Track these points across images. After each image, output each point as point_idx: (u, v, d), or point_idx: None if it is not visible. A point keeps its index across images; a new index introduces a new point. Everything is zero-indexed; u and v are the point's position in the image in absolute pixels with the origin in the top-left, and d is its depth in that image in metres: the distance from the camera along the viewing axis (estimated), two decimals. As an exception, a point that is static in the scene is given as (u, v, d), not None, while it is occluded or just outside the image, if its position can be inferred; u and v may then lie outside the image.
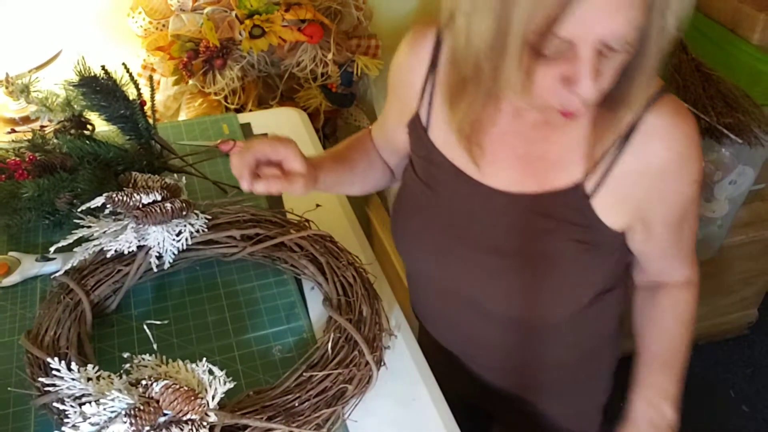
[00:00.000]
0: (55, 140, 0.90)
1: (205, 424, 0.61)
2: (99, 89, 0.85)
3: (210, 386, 0.63)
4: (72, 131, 0.92)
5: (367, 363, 0.70)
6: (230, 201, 0.87)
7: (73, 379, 0.62)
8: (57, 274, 0.77)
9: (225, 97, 1.26)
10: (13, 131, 0.96)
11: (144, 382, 0.61)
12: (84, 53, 0.89)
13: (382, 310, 0.78)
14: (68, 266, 0.77)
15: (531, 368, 0.83)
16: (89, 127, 0.94)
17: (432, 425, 0.70)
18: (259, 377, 0.72)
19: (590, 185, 0.65)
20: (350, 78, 1.37)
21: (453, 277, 0.75)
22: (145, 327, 0.76)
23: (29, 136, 0.92)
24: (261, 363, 0.74)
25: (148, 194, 0.77)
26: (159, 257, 0.78)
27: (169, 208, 0.77)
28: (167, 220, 0.78)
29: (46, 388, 0.64)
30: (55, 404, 0.63)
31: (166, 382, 0.61)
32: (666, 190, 0.66)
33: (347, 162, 0.82)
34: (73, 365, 0.63)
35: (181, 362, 0.66)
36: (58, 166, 0.86)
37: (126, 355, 0.67)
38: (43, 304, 0.75)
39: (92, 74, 0.86)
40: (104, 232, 0.77)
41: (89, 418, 0.59)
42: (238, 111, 1.26)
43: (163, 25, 1.21)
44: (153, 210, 0.76)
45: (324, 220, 0.88)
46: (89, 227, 0.78)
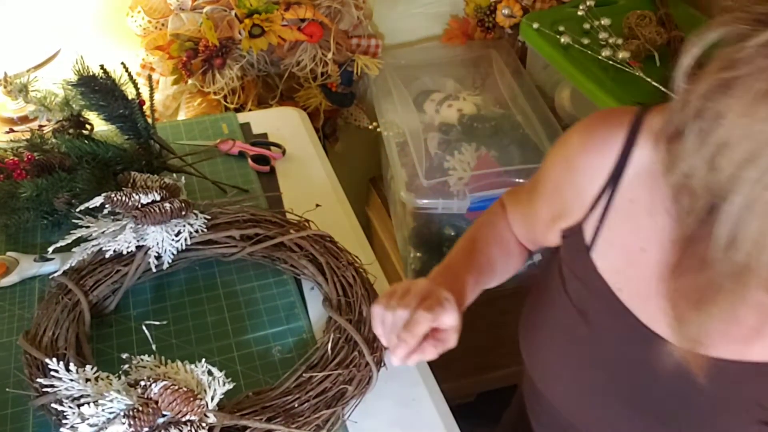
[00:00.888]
0: (53, 140, 0.90)
1: (204, 425, 0.61)
2: (98, 89, 0.85)
3: (209, 387, 0.62)
4: (70, 131, 0.91)
5: (367, 363, 0.70)
6: (230, 201, 0.86)
7: (71, 380, 0.62)
8: (55, 275, 0.77)
9: (224, 97, 1.25)
10: (12, 131, 0.96)
11: (143, 383, 0.61)
12: (82, 53, 0.88)
13: (382, 311, 0.77)
14: (67, 266, 0.76)
15: None
16: (88, 126, 0.93)
17: (432, 425, 0.70)
18: (259, 378, 0.72)
19: None
20: (350, 77, 1.36)
21: (592, 423, 0.65)
22: (143, 327, 0.76)
23: (28, 135, 0.91)
24: (260, 364, 0.73)
25: (147, 194, 0.77)
26: (158, 257, 0.78)
27: (168, 208, 0.77)
28: (166, 220, 0.77)
29: (45, 389, 0.64)
30: (53, 405, 0.63)
31: (165, 382, 0.60)
32: None
33: (488, 270, 0.70)
34: (72, 366, 0.63)
35: (180, 363, 0.65)
36: (57, 166, 0.86)
37: (125, 355, 0.66)
38: (42, 305, 0.75)
39: (91, 74, 0.85)
40: (103, 233, 0.77)
41: (88, 419, 0.58)
42: (238, 110, 1.26)
43: (162, 25, 1.21)
44: (152, 210, 0.76)
45: (324, 220, 0.87)
46: (88, 227, 0.77)
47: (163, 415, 0.60)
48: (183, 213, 0.78)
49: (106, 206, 0.77)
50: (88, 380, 0.63)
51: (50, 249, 0.76)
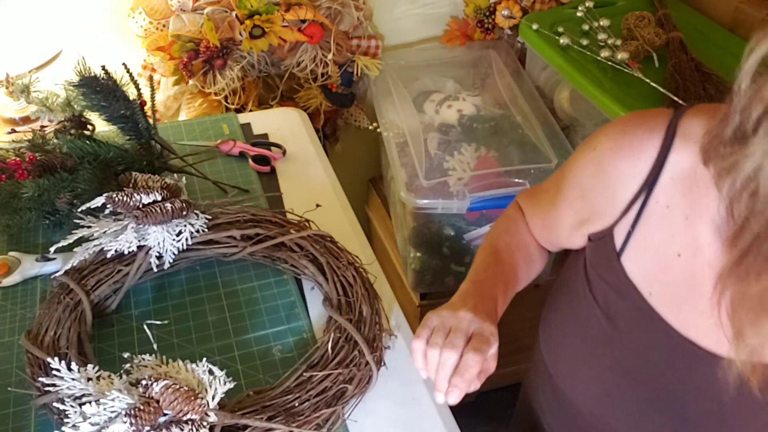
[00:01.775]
0: (55, 140, 0.90)
1: (205, 424, 0.61)
2: (99, 89, 0.85)
3: (210, 386, 0.63)
4: (72, 131, 0.92)
5: (367, 363, 0.70)
6: (230, 201, 0.87)
7: (73, 379, 0.62)
8: (57, 274, 0.77)
9: (225, 97, 1.26)
10: (14, 131, 0.96)
11: (144, 382, 0.61)
12: (84, 53, 0.89)
13: (382, 310, 0.78)
14: (68, 266, 0.77)
15: None
16: (89, 127, 0.94)
17: (432, 425, 0.70)
18: (259, 377, 0.72)
19: None
20: (350, 78, 1.37)
21: (615, 422, 0.64)
22: (145, 327, 0.76)
23: (29, 136, 0.92)
24: (261, 363, 0.74)
25: (148, 194, 0.77)
26: (159, 257, 0.78)
27: (169, 208, 0.77)
28: (167, 220, 0.78)
29: (46, 388, 0.64)
30: (55, 404, 0.63)
31: (166, 382, 0.61)
32: None
33: (514, 280, 0.69)
34: (73, 365, 0.63)
35: (181, 362, 0.66)
36: (59, 166, 0.86)
37: (126, 355, 0.67)
38: (43, 304, 0.75)
39: (92, 74, 0.86)
40: (104, 232, 0.77)
41: (89, 418, 0.59)
42: (239, 111, 1.26)
43: (164, 26, 1.21)
44: (153, 210, 0.76)
45: (324, 220, 0.88)
46: (89, 227, 0.78)
47: (165, 414, 0.60)
48: (184, 213, 0.79)
49: (108, 206, 0.77)
50: (89, 379, 0.63)
51: (52, 249, 0.77)
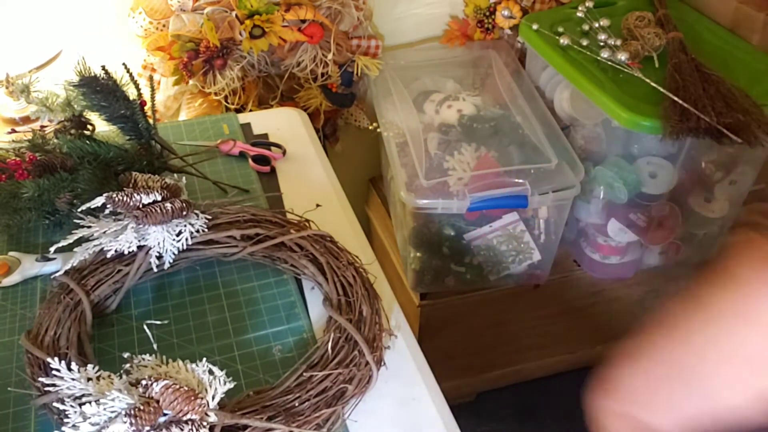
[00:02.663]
0: (55, 140, 0.90)
1: (205, 424, 0.61)
2: (99, 89, 0.85)
3: (210, 386, 0.63)
4: (72, 131, 0.92)
5: (367, 363, 0.70)
6: (230, 201, 0.87)
7: (73, 379, 0.62)
8: (57, 274, 0.77)
9: (225, 97, 1.26)
10: (14, 131, 0.96)
11: (144, 382, 0.61)
12: (84, 53, 0.89)
13: (382, 310, 0.78)
14: (68, 266, 0.77)
15: None
16: (89, 127, 0.94)
17: (432, 425, 0.70)
18: (259, 377, 0.72)
19: None
20: (350, 78, 1.37)
21: None
22: (145, 327, 0.76)
23: (29, 136, 0.92)
24: (261, 363, 0.74)
25: (148, 194, 0.77)
26: (159, 257, 0.78)
27: (169, 208, 0.77)
28: (167, 220, 0.78)
29: (46, 388, 0.64)
30: (55, 404, 0.63)
31: (166, 382, 0.61)
32: None
33: None
34: (73, 365, 0.63)
35: (181, 362, 0.66)
36: (59, 166, 0.86)
37: (126, 355, 0.67)
38: (43, 304, 0.75)
39: (92, 74, 0.86)
40: (104, 232, 0.77)
41: (89, 418, 0.59)
42: (239, 111, 1.26)
43: (164, 26, 1.21)
44: (153, 210, 0.76)
45: (324, 220, 0.88)
46: (89, 227, 0.77)
47: (164, 414, 0.60)
48: (184, 213, 0.79)
49: (108, 206, 0.77)
50: (89, 379, 0.63)
51: (52, 249, 0.77)
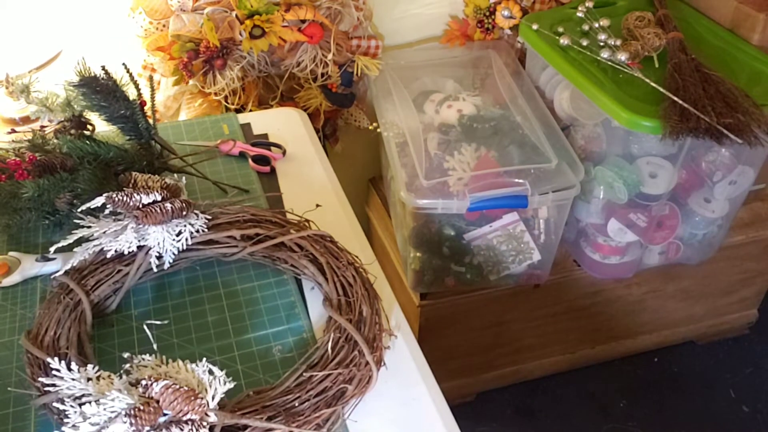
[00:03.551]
0: (55, 140, 0.90)
1: (205, 424, 0.61)
2: (99, 89, 0.85)
3: (210, 386, 0.63)
4: (72, 131, 0.92)
5: (367, 363, 0.70)
6: (230, 201, 0.87)
7: (73, 379, 0.62)
8: (57, 274, 0.77)
9: (225, 98, 1.26)
10: (14, 131, 0.96)
11: (144, 382, 0.61)
12: (84, 53, 0.89)
13: (382, 310, 0.78)
14: (68, 266, 0.77)
15: None
16: (89, 127, 0.94)
17: (432, 425, 0.70)
18: (259, 377, 0.72)
19: None
20: (350, 78, 1.37)
21: None
22: (145, 327, 0.76)
23: (29, 136, 0.92)
24: (261, 363, 0.74)
25: (148, 194, 0.77)
26: (159, 257, 0.78)
27: (169, 208, 0.77)
28: (167, 220, 0.78)
29: (46, 388, 0.64)
30: (55, 404, 0.63)
31: (166, 382, 0.61)
32: None
33: None
34: (73, 365, 0.63)
35: (181, 362, 0.66)
36: (59, 166, 0.86)
37: (126, 355, 0.67)
38: (43, 304, 0.75)
39: (92, 74, 0.86)
40: (104, 232, 0.77)
41: (89, 418, 0.59)
42: (239, 111, 1.26)
43: (164, 26, 1.21)
44: (153, 210, 0.76)
45: (324, 220, 0.88)
46: (89, 227, 0.78)
47: (164, 414, 0.60)
48: (184, 213, 0.79)
49: (108, 206, 0.77)
50: (89, 379, 0.63)
51: (52, 249, 0.77)
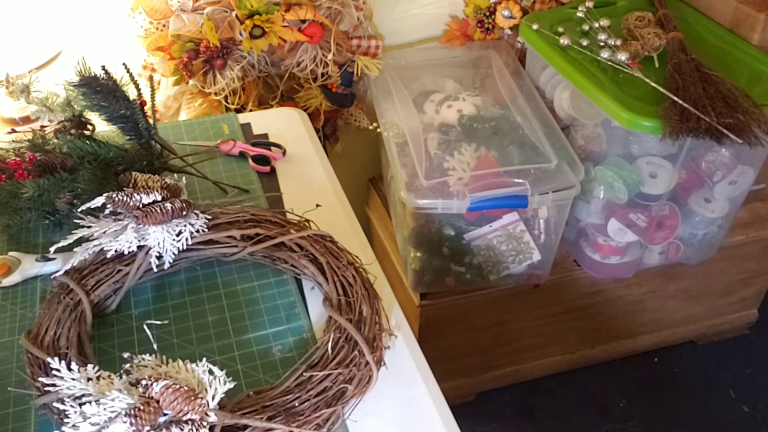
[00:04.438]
0: (55, 140, 0.90)
1: (205, 424, 0.61)
2: (99, 89, 0.85)
3: (210, 386, 0.63)
4: (72, 131, 0.92)
5: (367, 363, 0.70)
6: (230, 201, 0.87)
7: (73, 379, 0.62)
8: (57, 274, 0.77)
9: (225, 97, 1.26)
10: (14, 131, 0.96)
11: (144, 382, 0.61)
12: (84, 53, 0.89)
13: (382, 310, 0.78)
14: (68, 266, 0.77)
15: None
16: (89, 127, 0.94)
17: (432, 425, 0.70)
18: (259, 377, 0.72)
19: None
20: (350, 78, 1.37)
21: None
22: (145, 327, 0.76)
23: (29, 136, 0.92)
24: (261, 363, 0.74)
25: (148, 194, 0.77)
26: (159, 257, 0.78)
27: (169, 208, 0.77)
28: (167, 220, 0.78)
29: (46, 388, 0.64)
30: (55, 404, 0.63)
31: (166, 382, 0.61)
32: None
33: None
34: (73, 365, 0.63)
35: (181, 362, 0.66)
36: (59, 166, 0.86)
37: (126, 355, 0.67)
38: (43, 304, 0.75)
39: (92, 74, 0.86)
40: (104, 232, 0.77)
41: (89, 418, 0.59)
42: (239, 111, 1.26)
43: (164, 26, 1.21)
44: (153, 210, 0.76)
45: (324, 220, 0.88)
46: (89, 227, 0.78)
47: (164, 414, 0.60)
48: (184, 213, 0.79)
49: (108, 206, 0.77)
50: (89, 379, 0.63)
51: (52, 249, 0.77)
